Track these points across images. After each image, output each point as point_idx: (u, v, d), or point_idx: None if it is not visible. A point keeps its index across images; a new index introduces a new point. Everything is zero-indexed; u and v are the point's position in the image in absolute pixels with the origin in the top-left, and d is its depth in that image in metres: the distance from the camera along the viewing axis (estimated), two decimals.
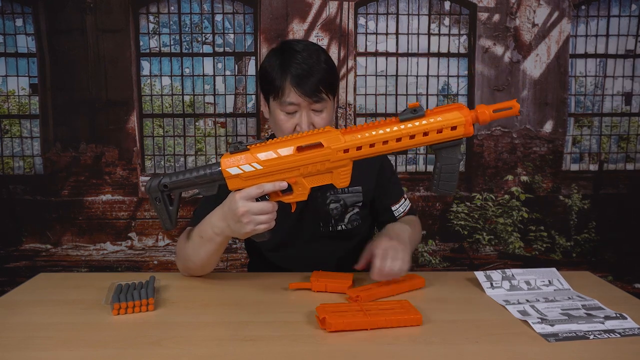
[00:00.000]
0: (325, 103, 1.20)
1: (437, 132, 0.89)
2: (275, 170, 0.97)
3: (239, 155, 0.98)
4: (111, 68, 2.00)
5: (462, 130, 0.89)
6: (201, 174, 1.01)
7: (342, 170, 0.95)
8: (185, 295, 1.12)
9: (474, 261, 2.14)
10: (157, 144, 2.06)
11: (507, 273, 1.17)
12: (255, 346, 0.86)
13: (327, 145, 0.93)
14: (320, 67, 1.18)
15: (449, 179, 0.93)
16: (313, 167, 0.96)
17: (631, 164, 2.13)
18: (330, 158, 0.94)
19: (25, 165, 2.04)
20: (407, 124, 0.90)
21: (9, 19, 1.97)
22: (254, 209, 0.98)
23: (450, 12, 2.04)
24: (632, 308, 1.01)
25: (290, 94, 1.17)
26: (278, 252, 1.36)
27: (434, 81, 2.07)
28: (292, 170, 0.97)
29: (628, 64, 2.08)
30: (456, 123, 0.88)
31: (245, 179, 0.98)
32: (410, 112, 0.90)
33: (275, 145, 0.97)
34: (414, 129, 0.89)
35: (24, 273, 2.06)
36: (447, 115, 0.89)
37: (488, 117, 0.89)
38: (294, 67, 1.17)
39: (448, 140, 0.90)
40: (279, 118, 1.21)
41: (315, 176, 0.97)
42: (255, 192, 0.98)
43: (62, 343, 0.88)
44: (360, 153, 0.93)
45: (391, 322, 0.93)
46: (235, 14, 2.01)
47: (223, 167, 0.99)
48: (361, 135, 0.92)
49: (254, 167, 0.96)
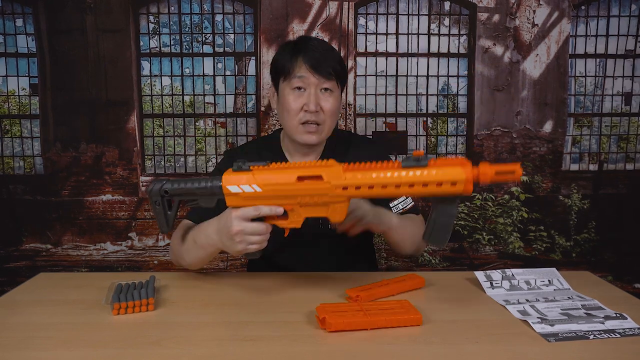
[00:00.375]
0: (333, 84, 1.24)
1: (436, 185, 0.88)
2: (274, 195, 0.97)
3: (241, 175, 0.98)
4: (111, 68, 2.00)
5: (462, 187, 0.87)
6: (202, 185, 1.02)
7: (338, 206, 0.95)
8: (185, 295, 1.12)
9: (474, 261, 2.14)
10: (157, 144, 2.06)
11: (507, 273, 1.17)
12: (255, 346, 0.86)
13: (327, 180, 0.93)
14: (333, 53, 1.26)
15: (442, 232, 0.92)
16: (310, 199, 0.96)
17: (631, 164, 2.13)
18: (328, 192, 0.94)
19: (26, 165, 2.05)
20: (409, 171, 0.88)
21: (9, 19, 1.97)
22: (248, 229, 0.99)
23: (450, 12, 2.04)
24: (632, 308, 1.01)
25: (300, 69, 1.22)
26: (278, 251, 1.36)
27: (434, 81, 2.07)
28: (290, 198, 0.97)
29: (628, 64, 2.08)
30: (457, 180, 0.87)
31: (244, 198, 0.99)
32: (413, 160, 0.89)
33: (277, 171, 0.97)
34: (414, 179, 0.88)
35: (24, 273, 2.06)
36: (450, 170, 0.87)
37: (489, 179, 0.87)
38: (309, 49, 1.23)
39: (446, 194, 0.89)
40: (287, 100, 1.24)
41: (312, 207, 0.97)
42: (251, 214, 0.98)
43: (62, 343, 0.88)
44: (358, 192, 0.92)
45: (391, 322, 0.93)
46: (235, 14, 2.01)
47: (224, 184, 0.99)
48: (362, 175, 0.91)
49: (254, 189, 0.97)
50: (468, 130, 2.09)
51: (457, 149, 2.10)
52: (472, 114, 2.08)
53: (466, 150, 2.10)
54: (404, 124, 2.09)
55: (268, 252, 1.36)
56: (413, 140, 2.09)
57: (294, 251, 1.35)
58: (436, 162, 0.89)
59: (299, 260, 1.33)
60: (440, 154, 2.10)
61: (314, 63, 1.21)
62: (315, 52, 1.22)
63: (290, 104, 1.24)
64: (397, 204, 1.36)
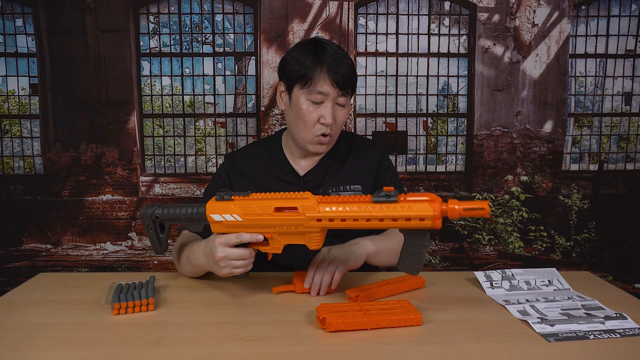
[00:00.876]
0: (348, 98, 1.25)
1: (405, 220, 0.92)
2: (254, 225, 1.02)
3: (223, 204, 1.03)
4: (111, 68, 2.00)
5: (430, 223, 0.91)
6: (189, 212, 1.07)
7: (314, 235, 1.00)
8: (185, 295, 1.12)
9: (474, 261, 2.14)
10: (157, 144, 2.06)
11: (507, 273, 1.17)
12: (255, 346, 0.86)
13: (302, 212, 0.98)
14: (348, 61, 1.23)
15: (413, 261, 0.96)
16: (287, 229, 1.01)
17: (631, 164, 2.13)
18: (303, 224, 0.99)
19: (25, 165, 2.05)
20: (379, 206, 0.93)
21: (9, 19, 1.97)
22: (231, 255, 1.04)
23: (450, 12, 2.04)
24: (632, 308, 1.01)
25: (322, 83, 1.20)
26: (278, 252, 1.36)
27: (434, 81, 2.07)
28: (269, 227, 1.02)
29: (628, 64, 2.08)
30: (424, 216, 0.91)
31: (227, 226, 1.04)
32: (383, 195, 0.93)
33: (256, 201, 1.02)
34: (384, 214, 0.93)
35: (24, 273, 2.06)
36: (418, 206, 0.91)
37: (457, 214, 0.91)
38: (328, 57, 1.20)
39: (415, 228, 0.93)
40: (303, 108, 1.22)
41: (290, 235, 1.02)
42: (233, 241, 1.03)
43: (62, 343, 0.88)
44: (331, 224, 0.97)
45: (391, 322, 0.93)
46: (235, 14, 2.01)
47: (208, 213, 1.04)
48: (335, 208, 0.96)
49: (235, 218, 1.02)
50: (468, 130, 2.09)
51: (457, 149, 2.10)
52: (472, 114, 2.08)
53: (466, 150, 2.10)
54: (404, 124, 2.09)
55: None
56: (413, 140, 2.10)
57: (294, 251, 1.35)
58: (405, 197, 0.93)
59: (299, 259, 1.33)
60: (440, 154, 2.10)
61: (339, 79, 1.19)
62: (340, 67, 1.19)
63: (308, 115, 1.22)
64: None
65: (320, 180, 1.34)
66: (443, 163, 2.11)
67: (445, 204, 0.92)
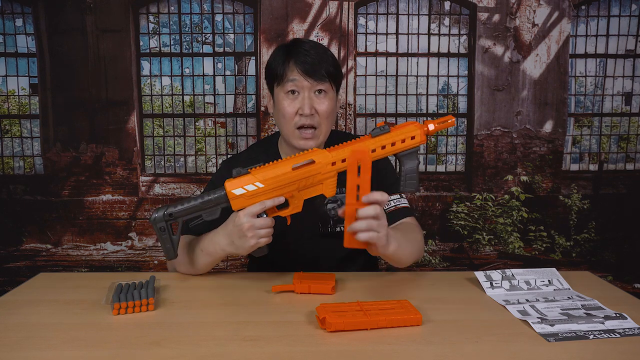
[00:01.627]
0: (327, 86, 1.24)
1: (401, 142, 1.11)
2: (276, 187, 1.10)
3: (242, 178, 1.11)
4: (111, 68, 2.00)
5: (419, 139, 1.11)
6: (206, 199, 1.12)
7: (330, 180, 1.12)
8: (185, 295, 1.12)
9: (473, 261, 2.14)
10: (157, 144, 2.07)
11: (507, 273, 1.17)
12: (255, 346, 0.86)
13: (318, 161, 1.10)
14: (326, 56, 1.26)
15: (411, 179, 1.13)
16: (307, 181, 1.11)
17: (631, 164, 2.13)
18: (321, 171, 1.10)
19: (25, 165, 2.05)
20: (377, 138, 1.11)
21: (9, 19, 1.97)
22: (257, 224, 1.09)
23: (450, 12, 2.04)
24: (632, 308, 1.01)
25: (292, 73, 1.23)
26: (278, 252, 1.36)
27: (434, 81, 2.07)
28: (290, 185, 1.11)
29: (628, 64, 2.08)
30: (414, 134, 1.11)
31: (248, 197, 1.11)
32: (379, 129, 1.11)
33: (274, 165, 1.11)
34: (384, 141, 1.11)
35: (24, 273, 2.06)
36: (407, 129, 1.11)
37: (435, 128, 1.13)
38: (301, 54, 1.24)
39: (409, 147, 1.11)
40: (282, 105, 1.25)
41: (308, 189, 1.12)
42: (257, 209, 1.09)
43: (62, 343, 0.88)
44: (344, 165, 1.10)
45: (391, 322, 0.93)
46: (235, 14, 2.01)
47: (228, 190, 1.10)
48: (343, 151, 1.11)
49: (257, 185, 1.10)
50: (468, 130, 2.09)
51: (457, 148, 2.10)
52: (472, 114, 2.08)
53: (466, 150, 2.10)
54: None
55: (269, 257, 1.37)
56: None
57: (294, 252, 1.35)
58: (395, 127, 1.12)
59: (300, 260, 1.33)
60: (440, 154, 2.10)
61: (306, 66, 1.22)
62: (307, 56, 1.23)
63: (285, 109, 1.24)
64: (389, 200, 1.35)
65: None
66: (443, 163, 2.11)
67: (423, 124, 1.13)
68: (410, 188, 1.12)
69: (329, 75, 1.24)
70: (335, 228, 1.35)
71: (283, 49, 1.27)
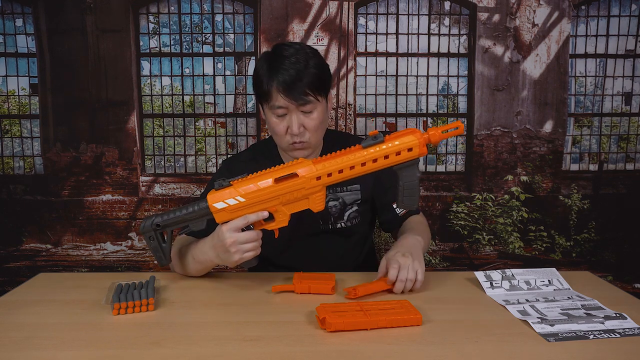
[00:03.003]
0: (314, 105, 1.22)
1: (396, 155, 1.00)
2: (258, 201, 1.05)
3: (224, 191, 1.06)
4: (111, 68, 2.00)
5: (417, 151, 1.00)
6: (190, 210, 1.09)
7: (316, 195, 1.05)
8: (185, 295, 1.12)
9: (474, 261, 2.14)
10: (157, 144, 2.07)
11: (507, 273, 1.17)
12: (256, 346, 0.86)
13: (302, 174, 1.03)
14: (308, 71, 1.19)
15: (411, 194, 1.03)
16: (290, 195, 1.05)
17: (631, 164, 2.13)
18: (305, 186, 1.03)
19: (25, 165, 2.05)
20: (370, 149, 1.01)
21: (9, 19, 1.97)
22: (241, 238, 1.06)
23: (450, 12, 2.04)
24: (632, 308, 1.01)
25: (277, 99, 1.20)
26: (278, 251, 1.36)
27: (434, 81, 2.07)
28: (272, 200, 1.05)
29: (628, 64, 2.08)
30: (411, 145, 1.00)
31: (231, 211, 1.07)
32: (371, 139, 1.01)
33: (255, 178, 1.06)
34: (376, 154, 1.00)
35: (24, 273, 2.06)
36: (403, 139, 1.00)
37: (438, 137, 1.01)
38: (280, 73, 1.19)
39: (406, 160, 1.01)
40: (272, 121, 1.25)
41: (293, 203, 1.06)
42: (240, 223, 1.05)
43: (62, 343, 0.88)
44: (331, 179, 1.03)
45: (391, 322, 0.93)
46: (235, 14, 2.01)
47: (210, 203, 1.07)
48: (329, 164, 1.02)
49: (238, 200, 1.05)
50: (468, 130, 2.09)
51: (457, 148, 2.11)
52: (472, 114, 2.08)
53: (466, 150, 2.10)
54: (404, 124, 2.08)
55: (270, 254, 1.37)
56: None
57: (294, 250, 1.35)
58: (390, 136, 1.01)
59: (300, 258, 1.33)
60: (440, 154, 2.10)
61: (288, 91, 1.17)
62: (286, 74, 1.17)
63: (275, 128, 1.24)
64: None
65: None
66: (443, 163, 2.11)
67: (425, 132, 1.02)
68: (410, 204, 1.04)
69: (312, 91, 1.20)
70: (336, 225, 1.35)
71: (267, 62, 1.22)
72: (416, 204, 1.04)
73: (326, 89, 1.26)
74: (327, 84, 1.27)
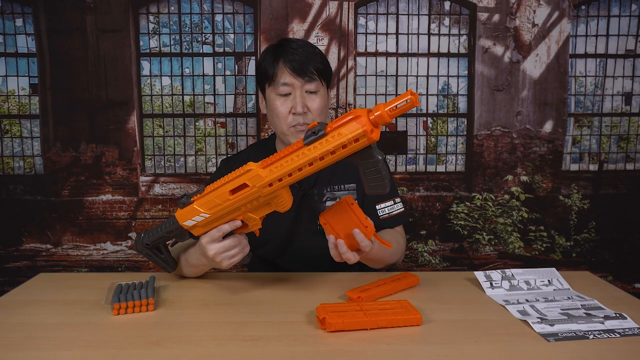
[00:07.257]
0: (318, 85, 1.25)
1: (342, 148, 0.89)
2: (223, 214, 1.03)
3: (188, 209, 1.05)
4: (111, 68, 2.00)
5: (365, 140, 0.88)
6: (169, 229, 1.10)
7: (278, 199, 0.99)
8: (185, 295, 1.12)
9: (473, 261, 2.14)
10: (157, 144, 2.06)
11: (507, 273, 1.17)
12: (255, 346, 0.86)
13: (252, 185, 0.97)
14: (313, 53, 1.26)
15: (377, 180, 0.93)
16: (252, 204, 1.00)
17: (631, 164, 2.13)
18: (260, 194, 0.98)
19: (25, 165, 2.05)
20: (311, 147, 0.90)
21: (9, 19, 1.97)
22: (221, 248, 1.06)
23: (450, 12, 2.04)
24: (632, 308, 1.01)
25: (283, 76, 1.24)
26: (277, 250, 1.36)
27: (434, 81, 2.07)
28: (236, 210, 1.02)
29: (628, 64, 2.08)
30: (357, 136, 0.87)
31: (203, 226, 1.06)
32: (311, 134, 0.90)
33: (212, 193, 1.02)
34: (321, 151, 0.89)
35: (24, 273, 2.06)
36: (346, 129, 0.88)
37: (387, 117, 0.88)
38: (286, 53, 1.25)
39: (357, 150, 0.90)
40: (275, 105, 1.26)
41: (258, 209, 1.02)
42: (217, 235, 1.05)
43: (62, 343, 0.88)
44: (283, 182, 0.95)
45: (391, 322, 0.93)
46: (235, 14, 2.01)
47: (181, 223, 1.07)
48: (277, 167, 0.94)
49: (203, 216, 1.04)
50: (468, 130, 2.09)
51: (457, 148, 2.10)
52: (472, 114, 2.08)
53: (466, 150, 2.10)
54: (404, 124, 2.09)
55: (269, 254, 1.37)
56: (413, 140, 2.09)
57: (292, 249, 1.35)
58: (332, 123, 0.90)
59: (298, 257, 1.33)
60: (440, 154, 2.10)
61: (296, 66, 1.23)
62: (295, 55, 1.24)
63: (278, 108, 1.26)
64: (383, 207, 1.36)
65: (314, 181, 1.34)
66: (443, 163, 2.11)
67: (371, 113, 0.89)
68: (378, 190, 0.94)
69: (318, 73, 1.26)
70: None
71: (272, 49, 1.29)
72: (386, 188, 0.94)
73: (328, 79, 1.31)
74: (329, 72, 1.32)
